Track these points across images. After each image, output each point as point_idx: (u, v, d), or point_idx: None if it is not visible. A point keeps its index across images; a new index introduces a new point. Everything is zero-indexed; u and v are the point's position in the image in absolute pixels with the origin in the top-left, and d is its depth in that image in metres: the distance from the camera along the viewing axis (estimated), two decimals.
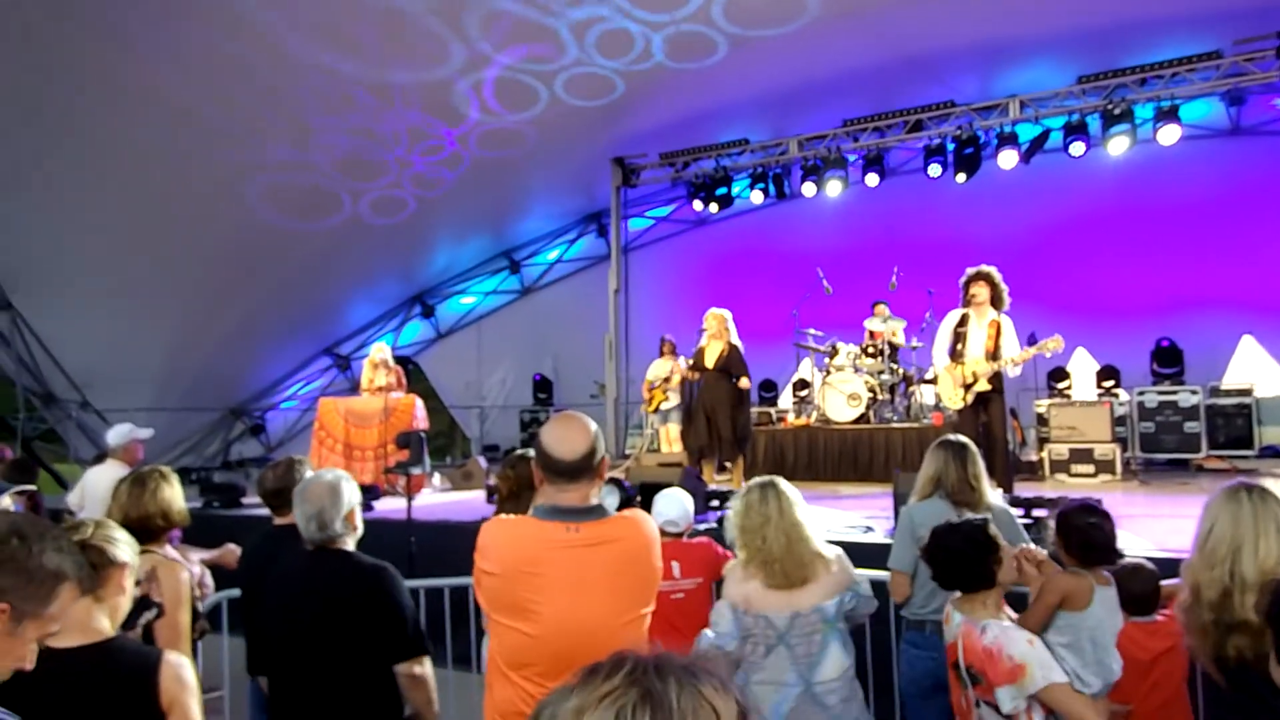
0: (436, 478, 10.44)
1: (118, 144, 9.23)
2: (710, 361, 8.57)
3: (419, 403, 9.76)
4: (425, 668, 2.84)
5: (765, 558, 3.13)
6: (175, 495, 3.32)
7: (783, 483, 3.31)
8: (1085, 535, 3.02)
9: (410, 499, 5.93)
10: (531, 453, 3.77)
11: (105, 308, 10.88)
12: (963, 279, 7.11)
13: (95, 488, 5.53)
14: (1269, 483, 2.63)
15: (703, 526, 5.56)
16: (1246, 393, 10.55)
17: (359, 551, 2.93)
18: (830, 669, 3.11)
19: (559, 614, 2.19)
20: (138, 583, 2.93)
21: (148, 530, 3.13)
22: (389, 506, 8.11)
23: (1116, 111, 9.89)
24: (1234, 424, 10.42)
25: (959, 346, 6.99)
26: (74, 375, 11.61)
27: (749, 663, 3.11)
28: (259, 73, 8.91)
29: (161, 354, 11.77)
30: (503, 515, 2.55)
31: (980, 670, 2.74)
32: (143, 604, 2.78)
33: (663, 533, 3.95)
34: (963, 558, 2.90)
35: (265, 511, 3.81)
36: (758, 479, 3.38)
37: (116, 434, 5.99)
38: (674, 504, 4.05)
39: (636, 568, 2.36)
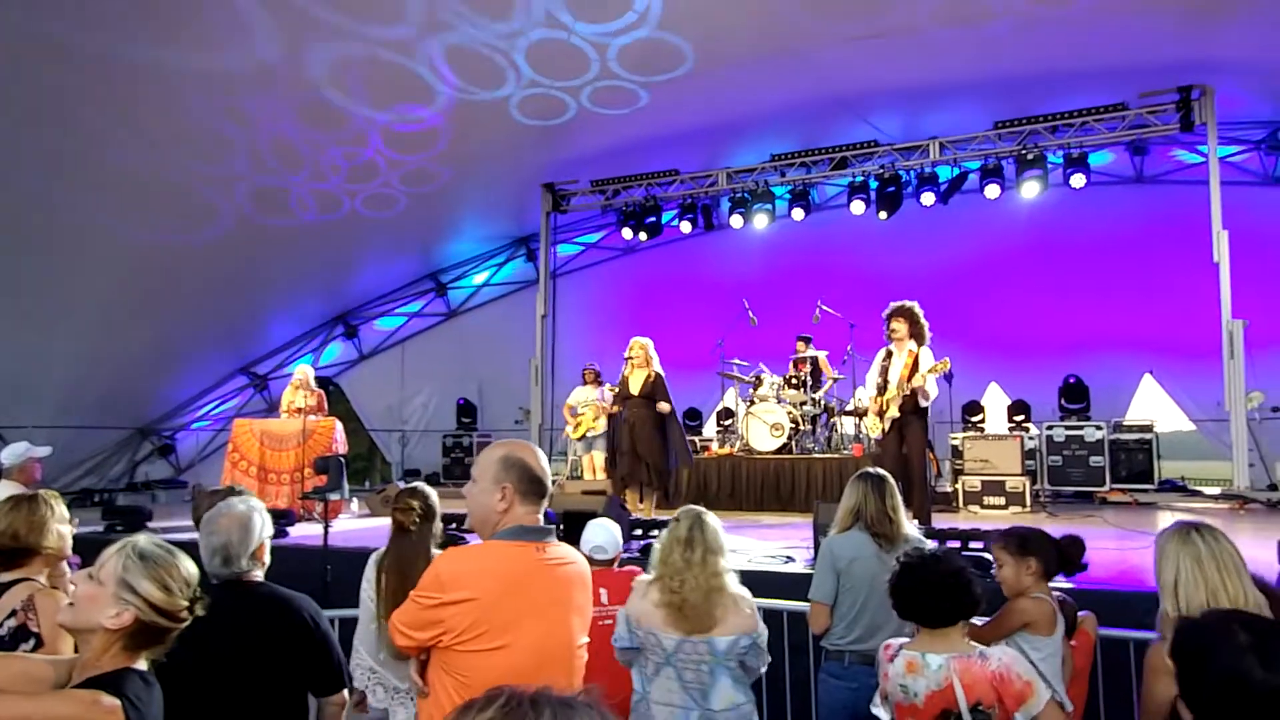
0: (355, 503, 10.20)
1: (18, 151, 8.86)
2: (635, 389, 8.60)
3: (338, 426, 9.53)
4: (346, 697, 2.83)
5: (677, 601, 3.14)
6: (38, 518, 3.01)
7: (710, 521, 3.30)
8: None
9: (327, 525, 5.77)
10: (423, 486, 3.76)
11: (3, 319, 10.37)
12: (884, 314, 7.30)
13: None
14: (1209, 520, 2.67)
15: (626, 556, 5.53)
16: (1147, 428, 11.03)
17: (270, 582, 2.82)
18: (721, 700, 3.11)
19: (537, 633, 2.22)
20: (14, 612, 2.77)
21: (7, 551, 2.92)
22: (305, 532, 7.89)
23: (1029, 157, 10.34)
24: (1135, 458, 10.87)
25: (883, 381, 7.19)
26: None
27: (646, 673, 3.18)
28: (169, 86, 8.67)
29: (65, 368, 11.24)
30: (457, 549, 2.49)
31: (994, 702, 2.54)
32: (19, 635, 2.63)
33: (591, 560, 3.95)
34: (946, 588, 2.70)
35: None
36: (687, 513, 3.37)
37: (10, 453, 5.72)
38: (603, 532, 4.05)
39: (588, 592, 2.45)
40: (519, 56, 8.86)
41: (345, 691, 2.80)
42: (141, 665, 2.06)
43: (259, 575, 2.80)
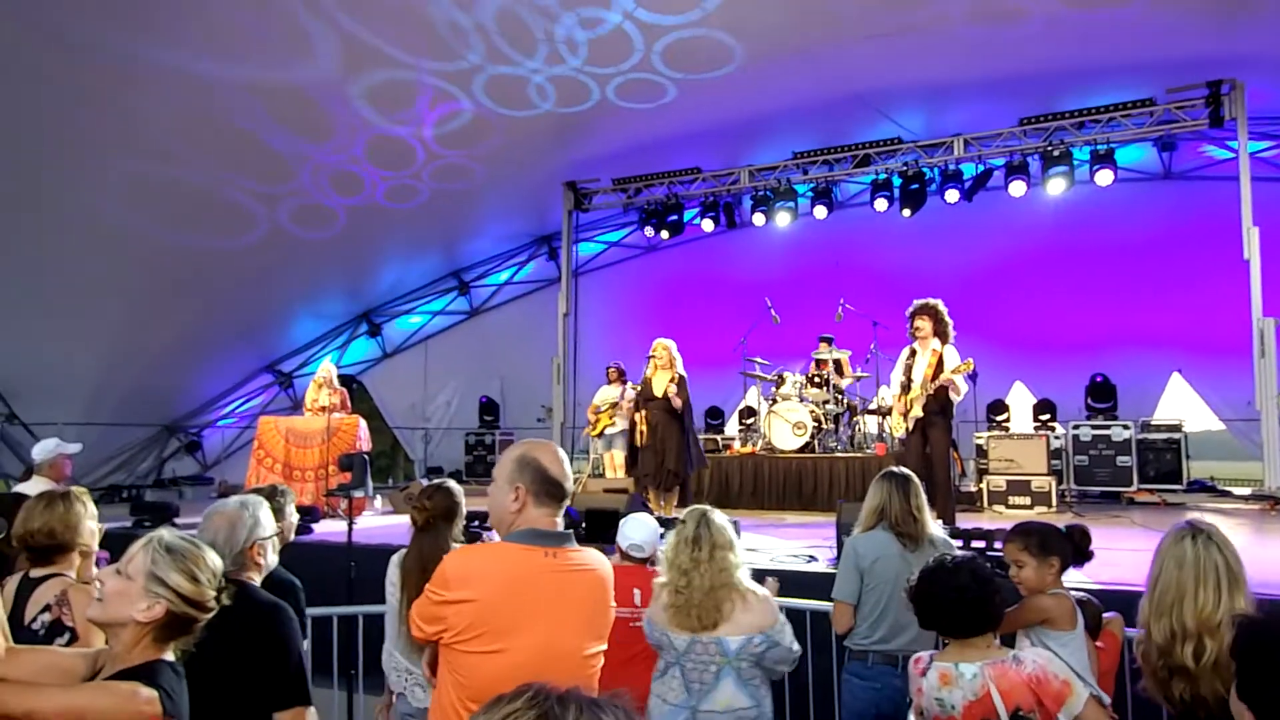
0: (378, 500, 10.27)
1: (50, 155, 8.98)
2: (658, 390, 8.60)
3: (362, 423, 9.61)
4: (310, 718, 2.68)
5: (680, 602, 3.13)
6: (73, 515, 3.06)
7: (717, 518, 3.29)
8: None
9: (351, 522, 5.81)
10: (450, 483, 3.73)
11: (34, 317, 10.52)
12: (908, 312, 7.25)
13: None
14: (1216, 522, 2.66)
15: None
16: (1176, 428, 10.89)
17: (259, 586, 2.78)
18: (718, 702, 3.08)
19: (538, 639, 2.19)
20: (48, 607, 2.81)
21: (38, 549, 2.98)
22: (329, 529, 7.96)
23: (1055, 153, 10.24)
24: (1163, 458, 10.73)
25: (907, 379, 7.14)
26: (0, 387, 11.20)
27: (656, 672, 3.19)
28: (191, 91, 8.77)
29: (94, 366, 11.40)
30: (468, 547, 2.45)
31: (1034, 706, 2.50)
32: (54, 629, 2.67)
33: (628, 557, 3.94)
34: (965, 601, 2.63)
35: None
36: (693, 513, 3.35)
37: (42, 449, 5.79)
38: (641, 529, 3.98)
39: (603, 600, 2.38)
40: (558, 31, 8.64)
41: (301, 715, 2.64)
42: (169, 656, 2.10)
43: (251, 576, 2.77)
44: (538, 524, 2.30)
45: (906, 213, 11.21)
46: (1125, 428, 10.65)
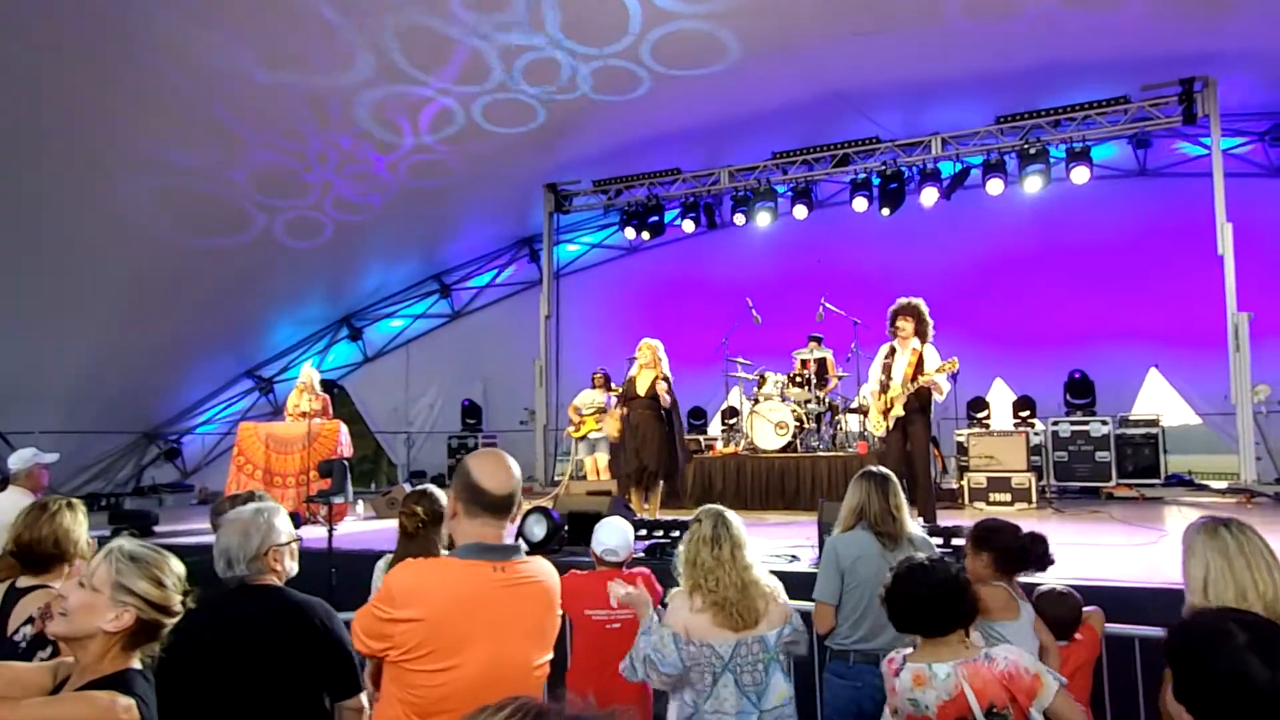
0: (360, 506, 10.22)
1: (25, 155, 8.88)
2: (641, 390, 8.58)
3: (343, 429, 9.55)
4: (366, 701, 2.75)
5: (718, 600, 3.14)
6: (75, 525, 3.11)
7: (732, 518, 3.31)
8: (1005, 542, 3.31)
9: (332, 528, 5.78)
10: (432, 488, 3.71)
11: (9, 324, 10.40)
12: (890, 311, 7.28)
13: None
14: (1194, 515, 2.68)
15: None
16: (1154, 423, 10.98)
17: (288, 587, 2.78)
18: (774, 697, 3.14)
19: (488, 654, 2.16)
20: (30, 619, 2.79)
21: (37, 558, 2.98)
22: (310, 535, 7.89)
23: (1032, 151, 10.33)
24: (1142, 453, 10.82)
25: (886, 378, 7.16)
26: None
27: (698, 690, 3.13)
28: (178, 86, 8.69)
29: (71, 373, 11.30)
30: (409, 559, 2.43)
31: (1007, 702, 2.51)
32: (37, 642, 2.65)
33: (602, 561, 3.95)
34: (937, 599, 2.67)
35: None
36: (708, 512, 3.36)
37: (19, 458, 5.71)
38: (615, 533, 4.00)
39: (551, 610, 2.37)
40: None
41: (363, 696, 2.73)
42: (137, 664, 2.10)
43: (273, 580, 2.76)
44: (482, 537, 2.26)
45: (885, 212, 11.28)
46: (1104, 423, 10.73)
